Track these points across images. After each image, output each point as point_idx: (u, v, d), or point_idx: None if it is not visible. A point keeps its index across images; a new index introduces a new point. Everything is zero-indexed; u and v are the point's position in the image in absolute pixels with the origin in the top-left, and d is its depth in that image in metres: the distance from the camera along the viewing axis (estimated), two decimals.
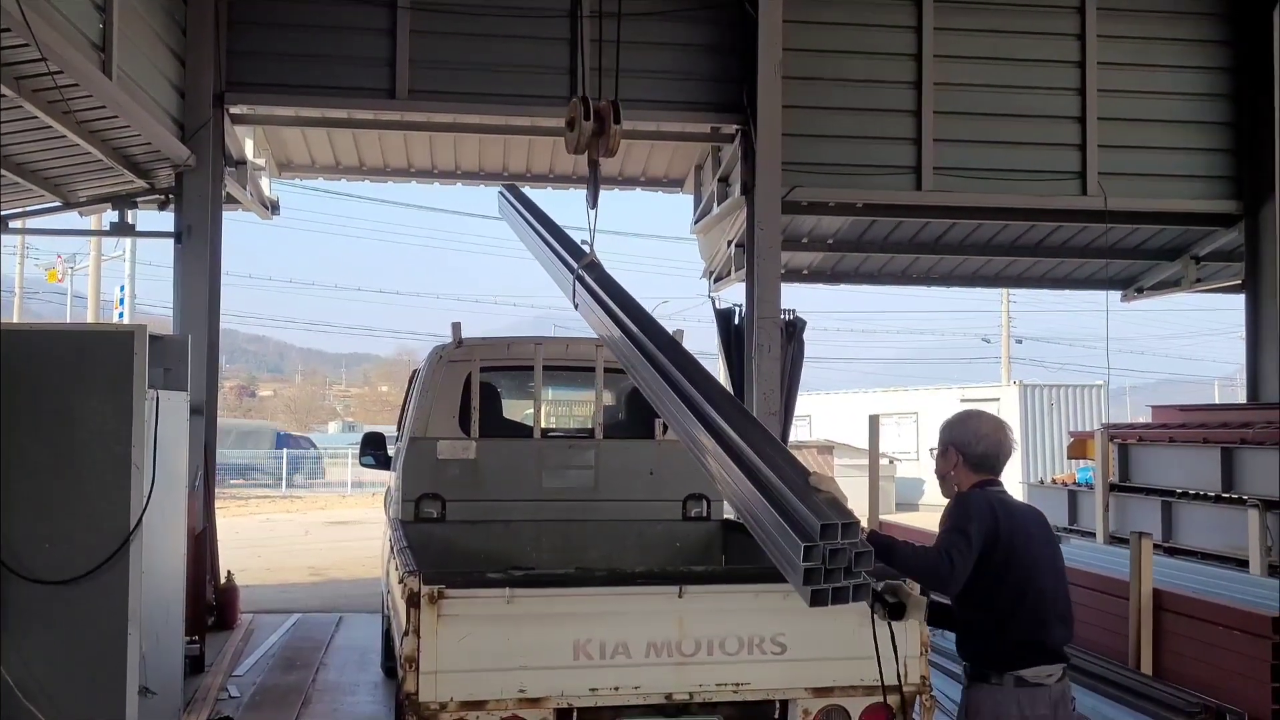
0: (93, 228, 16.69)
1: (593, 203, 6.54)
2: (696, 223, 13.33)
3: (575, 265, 6.16)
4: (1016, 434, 21.98)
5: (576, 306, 6.13)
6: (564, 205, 6.89)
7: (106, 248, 28.38)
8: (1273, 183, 11.72)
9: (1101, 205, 11.78)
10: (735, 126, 11.17)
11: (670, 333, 5.50)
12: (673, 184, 13.85)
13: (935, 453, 3.92)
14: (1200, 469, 10.41)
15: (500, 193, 8.46)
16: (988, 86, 11.70)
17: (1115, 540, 11.15)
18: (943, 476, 3.89)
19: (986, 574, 3.57)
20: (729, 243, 12.68)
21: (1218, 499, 10.24)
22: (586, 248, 6.37)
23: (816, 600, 3.28)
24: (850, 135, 11.47)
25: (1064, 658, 3.69)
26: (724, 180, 12.01)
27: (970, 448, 3.79)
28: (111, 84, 7.93)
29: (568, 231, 6.75)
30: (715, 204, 12.24)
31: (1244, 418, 10.50)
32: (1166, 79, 12.07)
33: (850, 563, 3.29)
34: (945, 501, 3.84)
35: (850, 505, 3.53)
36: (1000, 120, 11.71)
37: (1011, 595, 3.61)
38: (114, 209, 11.35)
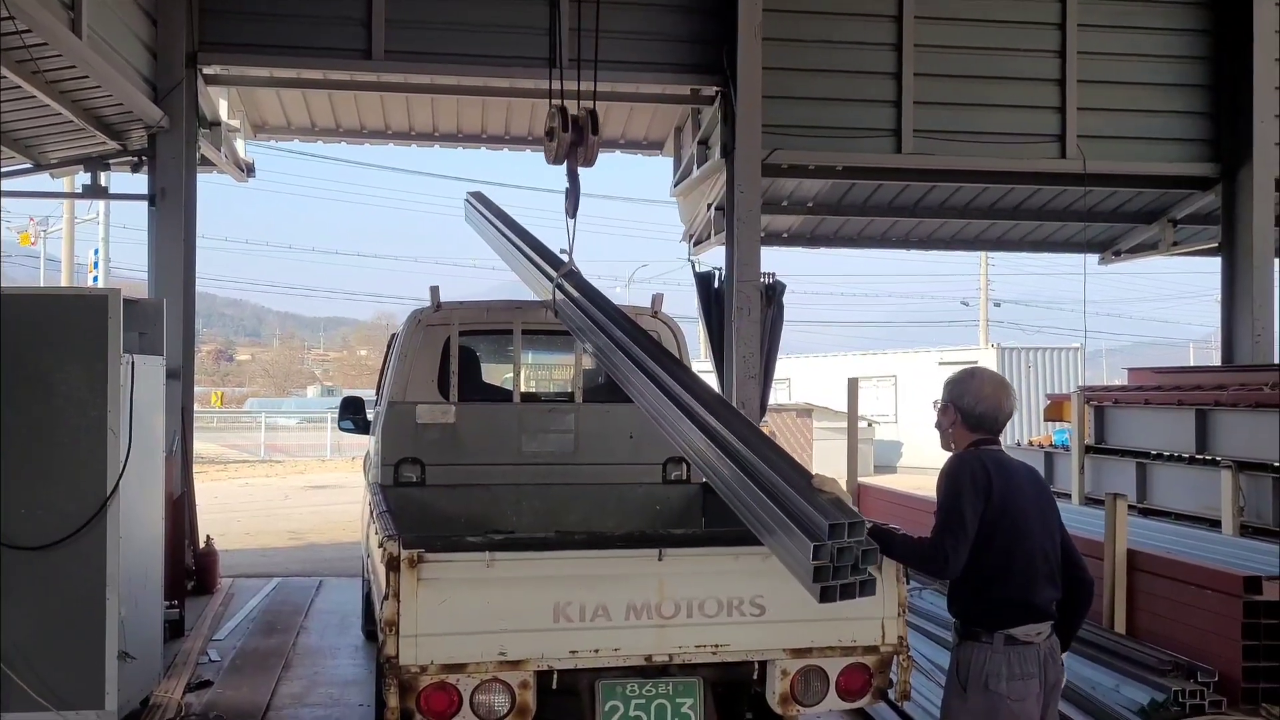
0: (65, 190, 16.49)
1: (572, 212, 6.56)
2: (676, 186, 13.28)
3: (554, 274, 6.16)
4: None
5: (556, 314, 6.14)
6: (545, 167, 6.84)
7: (80, 210, 28.07)
8: (1250, 146, 11.77)
9: (1080, 168, 11.80)
10: (715, 89, 11.10)
11: (651, 334, 5.61)
12: (652, 146, 13.78)
13: (937, 408, 3.99)
14: (1175, 431, 10.51)
15: (466, 200, 8.45)
16: (968, 49, 11.66)
17: (1090, 501, 11.27)
18: (942, 431, 3.97)
19: (978, 535, 3.63)
20: (709, 206, 12.63)
21: (1191, 460, 10.35)
22: (565, 256, 6.38)
23: (826, 597, 3.44)
24: (830, 98, 11.42)
25: (1052, 615, 3.74)
26: (704, 143, 11.96)
27: (970, 408, 3.85)
28: (81, 43, 7.80)
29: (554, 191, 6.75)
30: (695, 167, 12.19)
31: (1218, 380, 10.58)
32: (1146, 41, 12.07)
33: (857, 560, 3.43)
34: (930, 461, 3.89)
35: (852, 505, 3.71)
36: (980, 83, 11.69)
37: (1001, 556, 3.66)
38: (86, 171, 11.21)
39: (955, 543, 3.59)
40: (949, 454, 3.90)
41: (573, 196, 6.66)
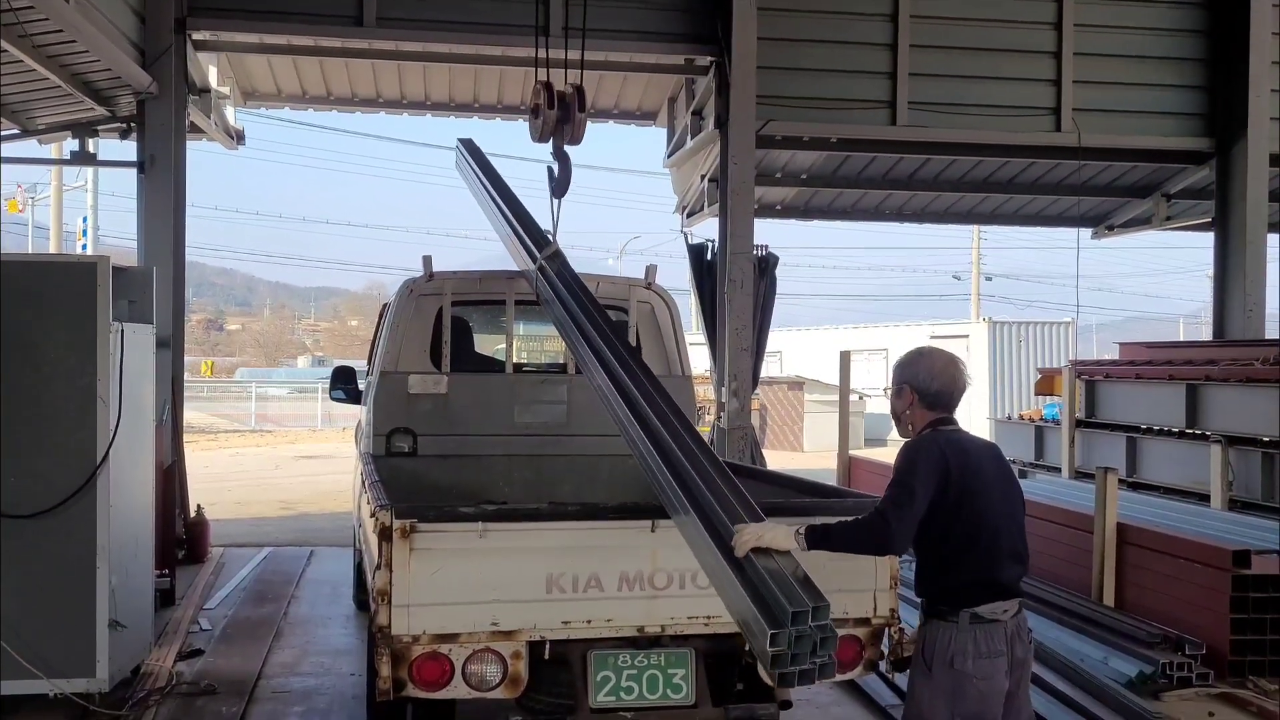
0: (53, 156, 16.34)
1: (559, 192, 6.44)
2: (669, 157, 13.20)
3: (538, 255, 6.10)
4: (985, 370, 22.20)
5: (538, 297, 6.08)
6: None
7: (68, 177, 27.88)
8: (1245, 120, 11.74)
9: (1075, 141, 11.76)
10: (709, 59, 11.02)
11: (632, 345, 5.57)
12: (646, 117, 13.69)
13: (890, 393, 3.91)
14: (1165, 405, 10.54)
15: (457, 146, 8.31)
16: (964, 20, 11.59)
17: (1080, 475, 11.31)
18: (898, 416, 3.89)
19: (939, 515, 3.58)
20: (702, 177, 12.58)
21: (1181, 435, 10.39)
22: (550, 235, 6.31)
23: (784, 682, 3.35)
24: (826, 69, 11.35)
25: (1018, 593, 3.71)
26: (698, 114, 11.88)
27: (925, 386, 3.77)
28: (69, 7, 7.69)
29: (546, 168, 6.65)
30: (689, 138, 12.12)
31: (1209, 355, 10.61)
32: (1142, 14, 12.01)
33: (816, 646, 3.32)
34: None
35: (774, 534, 3.59)
36: (976, 55, 11.62)
37: (964, 535, 3.61)
38: (74, 137, 11.09)
39: (900, 515, 3.51)
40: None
41: (560, 175, 6.52)
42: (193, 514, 10.12)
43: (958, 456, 3.64)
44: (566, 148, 6.50)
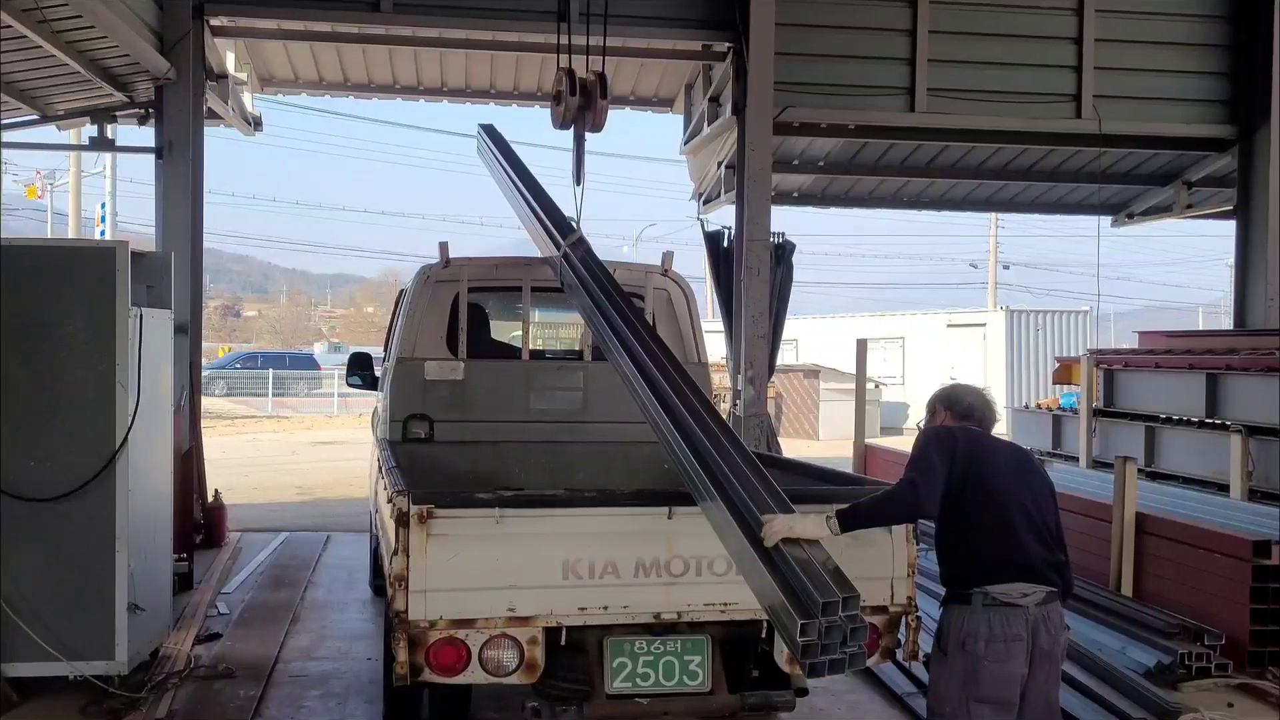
0: (72, 142, 16.40)
1: (578, 179, 6.44)
2: (686, 143, 13.16)
3: (563, 242, 6.08)
4: (1003, 359, 22.18)
5: (563, 284, 6.07)
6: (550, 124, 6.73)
7: (86, 163, 27.94)
8: (1268, 107, 11.61)
9: (1095, 129, 11.65)
10: (727, 45, 10.96)
11: (656, 329, 5.69)
12: (663, 103, 13.64)
13: (924, 420, 4.10)
14: (1184, 394, 10.47)
15: (479, 132, 8.29)
16: (984, 6, 11.49)
17: (1099, 465, 11.25)
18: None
19: (947, 495, 3.67)
20: (719, 164, 12.53)
21: (1201, 424, 10.32)
22: (574, 223, 6.29)
23: (813, 672, 3.37)
24: (844, 55, 11.28)
25: (1045, 579, 3.69)
26: (715, 100, 11.83)
27: (959, 402, 3.98)
28: None
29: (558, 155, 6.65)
30: (706, 124, 12.07)
31: (1229, 344, 10.53)
32: None
33: (845, 636, 3.34)
34: None
35: (804, 525, 3.62)
36: (996, 41, 11.52)
37: (969, 514, 3.69)
38: (93, 123, 11.12)
39: (925, 479, 3.64)
40: None
41: (578, 161, 6.53)
42: (210, 499, 10.17)
43: (968, 441, 3.78)
44: (586, 134, 6.50)
